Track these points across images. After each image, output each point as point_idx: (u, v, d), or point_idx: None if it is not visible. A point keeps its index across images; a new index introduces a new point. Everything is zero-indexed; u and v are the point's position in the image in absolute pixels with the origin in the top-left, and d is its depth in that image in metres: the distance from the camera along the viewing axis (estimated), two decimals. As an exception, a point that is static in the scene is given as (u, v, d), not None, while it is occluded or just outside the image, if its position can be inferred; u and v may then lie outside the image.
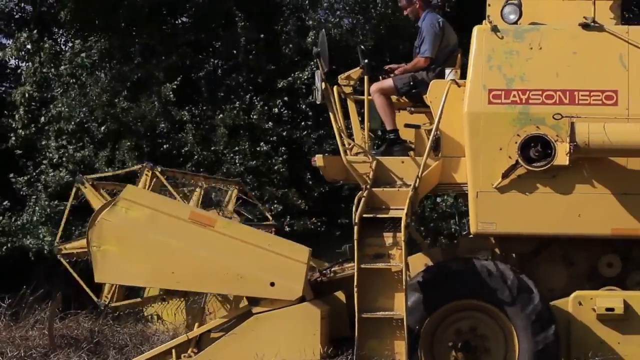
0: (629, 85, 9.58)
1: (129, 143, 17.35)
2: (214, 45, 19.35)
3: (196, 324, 10.10)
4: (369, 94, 10.11)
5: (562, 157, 9.42)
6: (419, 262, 10.42)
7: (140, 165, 10.85)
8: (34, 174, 17.68)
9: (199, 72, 18.48)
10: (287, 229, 16.68)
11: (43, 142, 17.96)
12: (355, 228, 9.19)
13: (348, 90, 10.62)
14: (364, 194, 9.50)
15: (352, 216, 9.24)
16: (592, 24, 9.68)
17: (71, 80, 18.36)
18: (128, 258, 9.44)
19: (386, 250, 9.28)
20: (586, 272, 10.07)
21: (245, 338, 9.34)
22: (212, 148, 17.50)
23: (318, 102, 10.00)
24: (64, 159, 17.54)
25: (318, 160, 10.00)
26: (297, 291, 9.30)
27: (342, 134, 10.01)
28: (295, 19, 18.81)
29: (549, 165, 9.46)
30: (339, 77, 10.60)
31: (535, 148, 9.50)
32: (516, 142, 9.52)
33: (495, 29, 9.73)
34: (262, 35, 18.56)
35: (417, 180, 9.56)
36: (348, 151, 10.12)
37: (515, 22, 9.80)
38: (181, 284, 9.60)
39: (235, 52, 18.64)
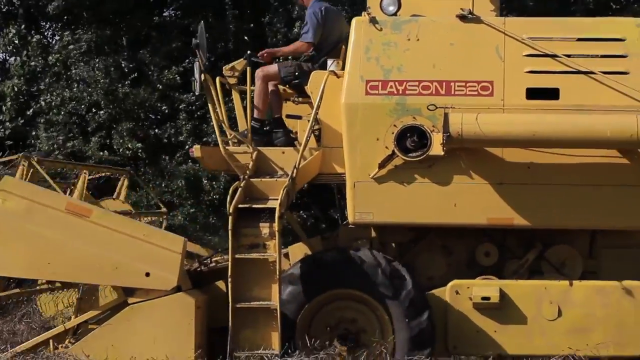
0: (505, 76, 9.66)
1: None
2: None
3: (72, 315, 10.08)
4: (252, 85, 10.15)
5: (437, 147, 9.49)
6: (300, 251, 10.47)
7: (17, 155, 10.82)
8: None
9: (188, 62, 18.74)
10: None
11: (33, 133, 18.07)
12: (230, 218, 9.22)
13: (232, 81, 10.64)
14: (241, 185, 9.53)
15: (227, 207, 9.28)
16: (469, 15, 9.74)
17: (62, 71, 18.51)
18: (4, 249, 9.40)
19: (261, 241, 9.30)
20: (464, 261, 10.17)
21: (120, 328, 9.35)
22: (204, 139, 17.63)
23: (197, 93, 10.02)
24: (55, 146, 17.56)
25: (196, 151, 10.03)
26: (172, 281, 9.33)
27: (223, 125, 10.02)
28: (282, 11, 18.93)
29: (424, 155, 9.53)
30: (223, 67, 10.62)
31: (412, 138, 9.55)
32: (393, 133, 9.57)
33: (373, 21, 9.77)
34: (251, 25, 18.68)
35: (295, 170, 9.62)
36: (231, 142, 10.16)
37: (395, 14, 9.86)
38: (57, 275, 9.59)
39: (222, 44, 18.80)
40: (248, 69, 10.06)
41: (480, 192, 9.64)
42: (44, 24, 20.86)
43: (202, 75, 9.78)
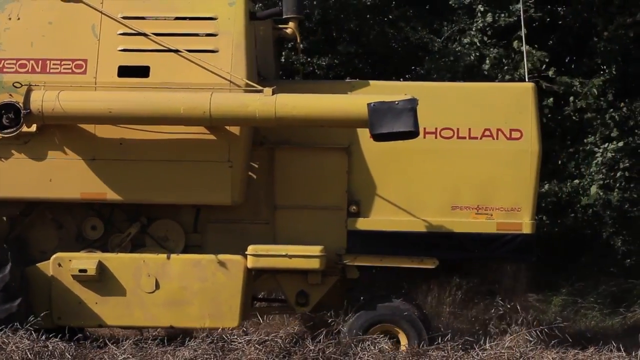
0: (99, 54, 9.93)
1: None
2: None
3: None
4: None
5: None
6: None
7: None
8: None
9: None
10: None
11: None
12: None
13: None
14: None
15: None
16: (67, -5, 10.01)
17: None
18: None
19: None
20: (74, 234, 10.39)
21: None
22: None
23: None
24: None
25: None
26: None
27: None
28: None
29: (17, 132, 9.80)
30: None
31: (7, 115, 9.80)
32: None
33: None
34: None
35: None
36: None
37: (-1, -5, 10.13)
38: None
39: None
40: None
41: (73, 168, 9.91)
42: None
43: None
